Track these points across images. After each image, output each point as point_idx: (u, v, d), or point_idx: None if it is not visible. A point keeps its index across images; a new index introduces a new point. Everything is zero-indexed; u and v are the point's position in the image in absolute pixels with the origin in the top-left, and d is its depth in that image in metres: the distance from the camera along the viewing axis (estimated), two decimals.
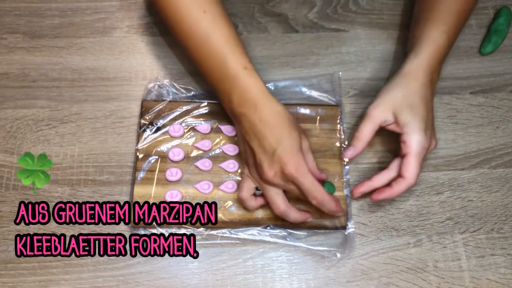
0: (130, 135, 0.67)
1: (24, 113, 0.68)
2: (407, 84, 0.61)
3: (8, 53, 0.71)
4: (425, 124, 0.59)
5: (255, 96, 0.57)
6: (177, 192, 0.62)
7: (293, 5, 0.77)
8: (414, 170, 0.58)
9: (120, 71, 0.71)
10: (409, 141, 0.58)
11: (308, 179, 0.55)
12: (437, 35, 0.63)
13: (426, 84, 0.61)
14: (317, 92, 0.70)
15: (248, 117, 0.57)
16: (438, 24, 0.63)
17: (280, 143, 0.55)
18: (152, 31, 0.74)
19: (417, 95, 0.60)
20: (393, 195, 0.59)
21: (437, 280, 0.61)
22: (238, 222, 0.61)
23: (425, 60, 0.62)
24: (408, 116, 0.59)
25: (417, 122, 0.58)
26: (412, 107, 0.59)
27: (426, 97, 0.61)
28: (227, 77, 0.58)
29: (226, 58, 0.58)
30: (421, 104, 0.60)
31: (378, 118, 0.60)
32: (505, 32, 0.75)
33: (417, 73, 0.61)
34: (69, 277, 0.59)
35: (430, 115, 0.61)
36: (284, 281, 0.60)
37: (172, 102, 0.67)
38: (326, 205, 0.56)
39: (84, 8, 0.75)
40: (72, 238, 0.59)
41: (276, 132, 0.56)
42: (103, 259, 0.60)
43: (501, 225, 0.64)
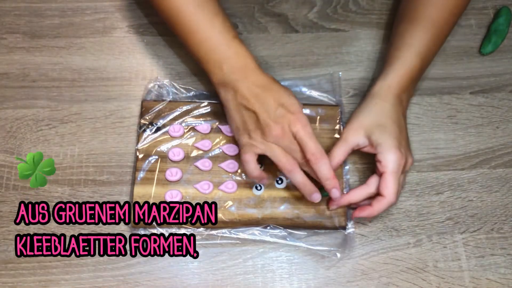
0: (130, 135, 0.67)
1: (24, 113, 0.68)
2: (376, 106, 0.61)
3: (8, 53, 0.71)
4: (398, 142, 0.58)
5: (249, 63, 0.59)
6: (177, 192, 0.62)
7: (293, 5, 0.77)
8: (393, 188, 0.57)
9: (120, 71, 0.71)
10: (384, 160, 0.58)
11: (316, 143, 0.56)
12: (409, 57, 0.63)
13: (395, 104, 0.61)
14: (317, 92, 0.70)
15: (242, 83, 0.58)
16: (411, 47, 0.63)
17: (282, 102, 0.57)
18: (152, 31, 0.74)
19: (387, 115, 0.60)
20: (373, 213, 0.58)
21: (437, 280, 0.61)
22: (238, 222, 0.61)
23: (394, 82, 0.62)
24: (380, 136, 0.59)
25: (390, 141, 0.58)
26: (383, 127, 0.59)
27: (397, 116, 0.60)
28: (219, 47, 0.60)
29: (215, 28, 0.60)
30: (392, 123, 0.60)
31: (351, 141, 0.60)
32: (505, 32, 0.75)
33: (386, 94, 0.61)
34: (69, 277, 0.59)
35: (403, 133, 0.60)
36: (284, 281, 0.60)
37: (172, 102, 0.67)
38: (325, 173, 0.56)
39: (84, 8, 0.75)
40: (72, 238, 0.59)
41: (275, 93, 0.58)
42: (103, 259, 0.60)
43: (501, 225, 0.64)
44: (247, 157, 0.58)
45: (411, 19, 0.65)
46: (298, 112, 0.57)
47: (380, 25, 0.76)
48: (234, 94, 0.59)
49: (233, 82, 0.58)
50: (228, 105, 0.60)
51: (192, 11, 0.61)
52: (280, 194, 0.63)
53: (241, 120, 0.59)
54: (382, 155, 0.58)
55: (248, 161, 0.58)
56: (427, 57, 0.64)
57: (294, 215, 0.62)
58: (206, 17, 0.61)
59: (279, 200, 0.62)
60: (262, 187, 0.63)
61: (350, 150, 0.60)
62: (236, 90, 0.58)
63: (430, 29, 0.64)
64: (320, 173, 0.56)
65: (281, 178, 0.63)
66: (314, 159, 0.56)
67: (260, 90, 0.58)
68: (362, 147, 0.60)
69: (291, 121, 0.56)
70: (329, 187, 0.57)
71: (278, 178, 0.63)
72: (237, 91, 0.58)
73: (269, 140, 0.57)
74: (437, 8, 0.64)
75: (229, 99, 0.59)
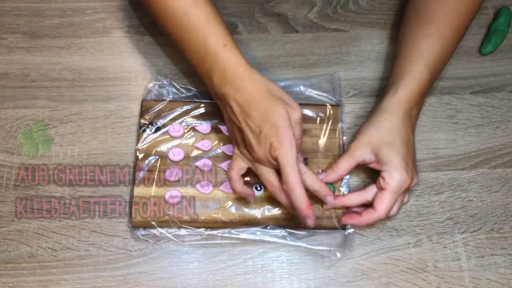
0: (130, 135, 0.67)
1: (24, 113, 0.68)
2: (385, 122, 0.60)
3: (8, 53, 0.71)
4: (405, 163, 0.58)
5: (235, 74, 0.56)
6: (177, 192, 0.62)
7: (293, 5, 0.77)
8: (387, 205, 0.57)
9: (120, 71, 0.71)
10: (388, 179, 0.57)
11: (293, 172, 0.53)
12: (419, 71, 0.61)
13: (405, 121, 0.60)
14: (317, 92, 0.70)
15: (231, 98, 0.56)
16: (420, 61, 0.62)
17: (266, 122, 0.55)
18: (152, 31, 0.74)
19: (396, 133, 0.59)
20: (360, 223, 0.58)
21: (437, 280, 0.61)
22: (238, 222, 0.61)
23: (404, 97, 0.61)
24: (387, 155, 0.58)
25: (397, 161, 0.57)
26: (391, 145, 0.58)
27: (406, 133, 0.60)
28: (208, 57, 0.57)
29: (206, 37, 0.57)
30: (400, 141, 0.59)
31: (357, 156, 0.60)
32: (505, 32, 0.75)
33: (396, 110, 0.60)
34: (69, 277, 0.59)
35: (410, 152, 0.60)
36: (284, 281, 0.60)
37: (172, 102, 0.67)
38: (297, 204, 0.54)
39: (84, 8, 0.75)
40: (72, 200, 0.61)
41: (261, 110, 0.55)
42: (103, 259, 0.60)
43: (501, 225, 0.64)
44: (231, 174, 0.59)
45: (419, 32, 0.64)
46: (281, 135, 0.54)
47: (380, 25, 0.76)
48: (226, 109, 0.58)
49: (224, 96, 0.57)
50: (223, 113, 0.61)
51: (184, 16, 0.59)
52: None
53: (232, 134, 0.60)
54: (388, 173, 0.58)
55: (232, 178, 0.59)
56: (436, 70, 0.64)
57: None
58: (198, 21, 0.58)
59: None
60: (262, 187, 0.63)
61: (355, 165, 0.60)
62: (227, 104, 0.57)
63: (438, 43, 0.63)
64: (294, 203, 0.55)
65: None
66: (287, 189, 0.54)
67: (249, 107, 0.55)
68: (368, 163, 0.60)
69: (273, 145, 0.54)
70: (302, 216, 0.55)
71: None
72: (229, 106, 0.57)
73: (254, 159, 0.57)
74: (447, 24, 0.64)
75: (223, 110, 0.60)
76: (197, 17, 0.58)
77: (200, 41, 0.58)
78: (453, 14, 0.64)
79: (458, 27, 0.64)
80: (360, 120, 0.68)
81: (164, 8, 0.60)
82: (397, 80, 0.62)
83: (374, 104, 0.69)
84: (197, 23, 0.58)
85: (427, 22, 0.64)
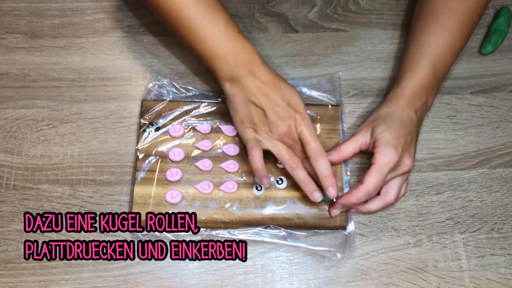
0: (130, 135, 0.67)
1: (24, 113, 0.68)
2: (388, 109, 0.63)
3: (8, 53, 0.71)
4: (396, 140, 0.59)
5: (255, 58, 0.60)
6: (177, 192, 0.62)
7: (293, 5, 0.77)
8: (375, 178, 0.58)
9: (120, 71, 0.71)
10: (377, 153, 0.59)
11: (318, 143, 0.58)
12: (423, 65, 0.64)
13: (407, 109, 0.62)
14: (317, 92, 0.70)
15: (251, 79, 0.59)
16: (425, 55, 0.64)
17: (289, 101, 0.59)
18: (152, 31, 0.74)
19: (395, 116, 0.61)
20: (349, 200, 0.59)
21: (437, 280, 0.61)
22: (238, 223, 0.61)
23: (407, 89, 0.63)
24: (382, 132, 0.60)
25: (388, 138, 0.59)
26: (387, 126, 0.60)
27: (406, 120, 0.61)
28: (224, 42, 0.60)
29: (220, 23, 0.60)
30: (398, 124, 0.60)
31: (359, 139, 0.62)
32: (505, 32, 0.75)
33: (399, 100, 0.63)
34: (69, 277, 0.59)
35: (407, 136, 0.60)
36: (284, 281, 0.60)
37: (172, 102, 0.67)
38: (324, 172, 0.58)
39: (84, 8, 0.75)
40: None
41: (282, 92, 0.59)
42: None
43: (501, 225, 0.64)
44: (254, 152, 0.59)
45: (425, 28, 0.66)
46: (303, 112, 0.59)
47: (380, 25, 0.76)
48: (242, 89, 0.59)
49: (239, 78, 0.59)
50: (234, 99, 0.60)
51: (193, 7, 0.60)
52: (280, 194, 0.63)
53: (247, 114, 0.60)
54: (377, 148, 0.59)
55: (255, 155, 0.59)
56: (442, 64, 0.65)
57: (294, 215, 0.62)
58: (208, 13, 0.60)
59: (279, 200, 0.62)
60: (262, 188, 0.63)
61: (358, 148, 0.62)
62: (243, 85, 0.59)
63: (444, 38, 0.64)
64: (319, 170, 0.58)
65: (281, 178, 0.63)
66: (315, 157, 0.58)
67: (268, 88, 0.59)
68: (368, 147, 0.62)
69: (297, 120, 0.58)
70: (326, 185, 0.58)
71: (278, 178, 0.63)
72: (244, 86, 0.59)
73: (274, 137, 0.59)
74: (452, 19, 0.65)
75: (235, 93, 0.60)
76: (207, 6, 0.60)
77: (213, 28, 0.60)
78: (459, 9, 0.64)
79: (464, 21, 0.65)
80: (360, 120, 0.68)
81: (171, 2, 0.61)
82: (402, 74, 0.65)
83: (375, 103, 0.69)
84: (208, 12, 0.60)
85: (433, 17, 0.65)
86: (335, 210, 0.61)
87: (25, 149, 0.65)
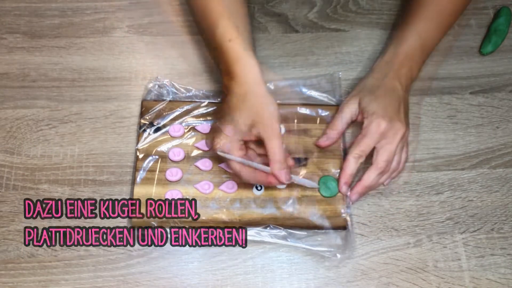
0: (130, 135, 0.67)
1: (24, 113, 0.68)
2: (372, 79, 0.65)
3: (8, 53, 0.71)
4: (384, 110, 0.61)
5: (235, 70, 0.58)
6: (177, 192, 0.62)
7: (293, 5, 0.77)
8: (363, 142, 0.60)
9: (120, 71, 0.71)
10: (366, 123, 0.61)
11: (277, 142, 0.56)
12: (409, 35, 0.65)
13: (391, 77, 0.63)
14: (317, 92, 0.70)
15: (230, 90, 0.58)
16: (412, 26, 0.66)
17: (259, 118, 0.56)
18: (152, 31, 0.74)
19: (380, 85, 0.63)
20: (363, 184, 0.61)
21: (437, 280, 0.61)
22: (238, 222, 0.61)
23: (391, 57, 0.65)
24: (369, 103, 0.62)
25: (375, 107, 0.61)
26: (374, 95, 0.62)
27: (391, 86, 0.63)
28: (218, 48, 0.60)
29: (217, 28, 0.60)
30: (383, 93, 0.62)
31: (346, 111, 0.63)
32: (505, 32, 0.75)
33: (382, 68, 0.65)
34: (69, 277, 0.59)
35: (394, 103, 0.62)
36: (284, 281, 0.60)
37: (172, 102, 0.67)
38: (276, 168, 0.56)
39: (84, 8, 0.75)
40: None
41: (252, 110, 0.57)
42: (103, 259, 0.60)
43: (501, 225, 0.64)
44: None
45: (416, 4, 0.67)
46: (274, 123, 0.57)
47: (380, 25, 0.76)
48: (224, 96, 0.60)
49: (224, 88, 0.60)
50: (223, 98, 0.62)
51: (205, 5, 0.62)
52: (280, 194, 0.63)
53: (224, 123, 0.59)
54: (366, 120, 0.61)
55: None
56: (428, 39, 0.66)
57: (294, 215, 0.62)
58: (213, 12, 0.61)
59: (279, 200, 0.62)
60: (262, 187, 0.63)
61: (348, 121, 0.64)
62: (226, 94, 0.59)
63: (434, 14, 0.66)
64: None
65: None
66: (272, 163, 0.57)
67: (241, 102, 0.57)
68: (356, 118, 0.63)
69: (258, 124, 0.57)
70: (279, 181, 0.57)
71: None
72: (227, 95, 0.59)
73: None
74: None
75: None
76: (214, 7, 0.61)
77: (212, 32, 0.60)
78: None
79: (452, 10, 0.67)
80: None
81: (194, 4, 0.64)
82: (388, 44, 0.67)
83: None
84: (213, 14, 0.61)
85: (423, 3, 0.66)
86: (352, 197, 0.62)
87: (25, 149, 0.65)
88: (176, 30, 0.74)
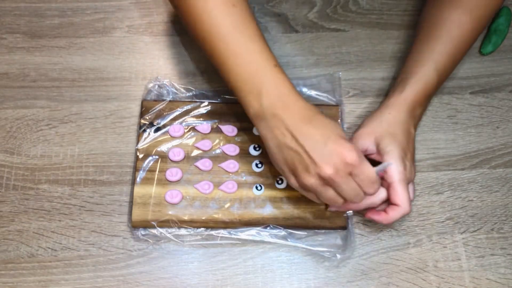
0: (130, 135, 0.67)
1: (24, 113, 0.68)
2: (389, 116, 0.61)
3: (8, 53, 0.71)
4: (404, 153, 0.58)
5: (289, 95, 0.54)
6: (177, 192, 0.62)
7: (293, 5, 0.77)
8: (405, 196, 0.56)
9: (120, 71, 0.71)
10: (390, 170, 0.57)
11: (369, 167, 0.53)
12: (428, 73, 0.62)
13: (408, 117, 0.61)
14: (317, 92, 0.70)
15: (285, 117, 0.52)
16: (430, 62, 0.63)
17: (329, 137, 0.52)
18: (152, 31, 0.74)
19: (399, 126, 0.60)
20: (388, 221, 0.57)
21: (437, 280, 0.61)
22: (238, 222, 0.61)
23: (411, 96, 0.61)
24: (388, 145, 0.58)
25: (397, 151, 0.58)
26: (393, 136, 0.59)
27: (407, 127, 0.60)
28: (257, 76, 0.54)
29: (255, 55, 0.55)
30: (402, 134, 0.59)
31: (361, 145, 0.60)
32: (505, 32, 0.75)
33: (401, 106, 0.61)
34: (69, 277, 0.59)
35: (410, 145, 0.60)
36: (284, 281, 0.60)
37: (172, 102, 0.67)
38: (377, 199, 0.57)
39: (84, 8, 0.75)
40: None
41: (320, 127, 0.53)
42: (103, 259, 0.60)
43: (501, 225, 0.64)
44: (310, 196, 0.55)
45: (431, 34, 0.64)
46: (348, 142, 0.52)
47: (380, 25, 0.76)
48: (273, 131, 0.53)
49: (273, 118, 0.53)
50: (268, 144, 0.54)
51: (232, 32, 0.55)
52: (280, 194, 0.63)
53: (283, 160, 0.54)
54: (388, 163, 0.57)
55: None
56: (445, 73, 0.64)
57: (294, 215, 0.62)
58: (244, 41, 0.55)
59: (279, 200, 0.62)
60: (262, 187, 0.63)
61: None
62: (276, 126, 0.53)
63: (449, 45, 0.63)
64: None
65: (281, 178, 0.63)
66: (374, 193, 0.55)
67: (305, 125, 0.52)
68: (370, 154, 0.60)
69: (344, 153, 0.51)
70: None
71: (278, 178, 0.63)
72: (278, 128, 0.53)
73: (321, 179, 0.52)
74: (457, 25, 0.63)
75: (269, 137, 0.54)
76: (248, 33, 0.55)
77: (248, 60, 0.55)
78: (466, 18, 0.63)
79: (471, 31, 0.64)
80: (360, 120, 0.68)
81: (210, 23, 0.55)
82: (405, 79, 0.63)
83: (375, 103, 0.69)
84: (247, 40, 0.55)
85: (439, 24, 0.64)
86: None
87: (25, 149, 0.65)
88: (176, 30, 0.74)
